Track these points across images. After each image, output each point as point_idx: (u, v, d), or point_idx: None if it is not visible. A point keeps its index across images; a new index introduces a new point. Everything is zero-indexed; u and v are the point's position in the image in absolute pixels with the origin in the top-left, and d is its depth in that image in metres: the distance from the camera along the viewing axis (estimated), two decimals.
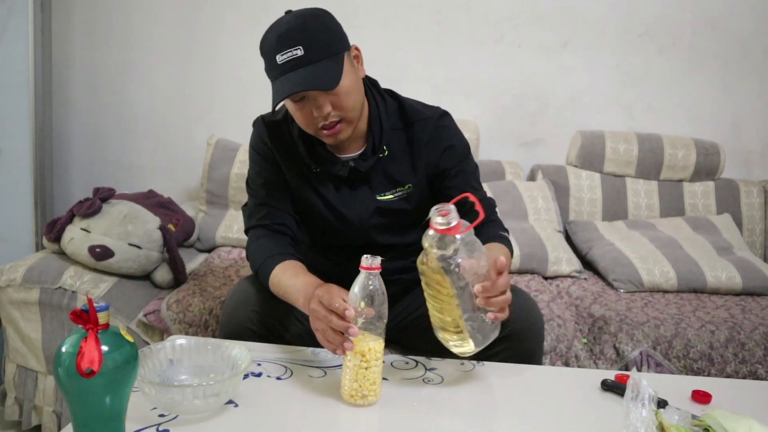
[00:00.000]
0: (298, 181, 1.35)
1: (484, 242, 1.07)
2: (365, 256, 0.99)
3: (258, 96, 2.53)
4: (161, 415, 0.94)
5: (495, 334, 1.06)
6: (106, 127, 2.57)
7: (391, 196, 1.35)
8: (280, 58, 1.15)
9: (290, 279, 1.20)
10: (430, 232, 0.99)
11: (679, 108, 2.57)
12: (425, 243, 1.00)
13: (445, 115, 1.38)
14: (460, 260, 0.97)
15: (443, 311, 1.04)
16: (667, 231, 2.28)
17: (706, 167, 2.46)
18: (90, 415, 0.79)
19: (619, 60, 2.54)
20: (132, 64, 2.52)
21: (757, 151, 2.62)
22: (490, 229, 1.31)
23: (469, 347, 1.04)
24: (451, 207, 0.98)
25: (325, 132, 1.22)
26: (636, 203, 2.44)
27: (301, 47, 1.14)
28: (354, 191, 1.34)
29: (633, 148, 2.44)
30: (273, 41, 1.16)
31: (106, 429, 0.80)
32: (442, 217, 0.97)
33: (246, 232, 1.39)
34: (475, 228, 1.02)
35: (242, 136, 2.45)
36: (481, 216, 1.02)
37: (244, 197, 2.31)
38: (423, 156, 1.34)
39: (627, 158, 2.44)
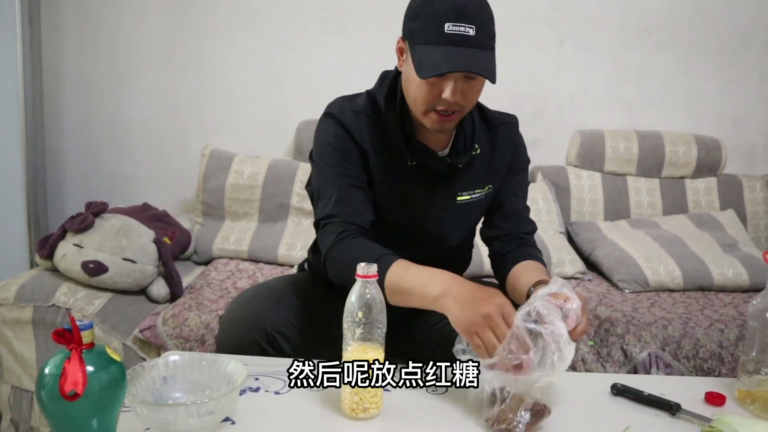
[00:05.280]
0: (384, 173, 1.28)
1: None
2: (360, 264, 0.96)
3: (251, 104, 2.52)
4: None
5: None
6: (99, 141, 2.54)
7: (467, 197, 1.32)
8: (449, 28, 1.10)
9: (417, 271, 1.11)
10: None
11: (679, 103, 2.55)
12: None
13: (517, 121, 1.41)
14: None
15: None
16: (670, 229, 2.25)
17: (708, 163, 2.43)
18: None
19: (618, 57, 2.51)
20: (123, 75, 2.50)
21: (759, 146, 2.60)
22: (527, 249, 1.34)
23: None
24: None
25: (436, 116, 1.18)
26: (638, 202, 2.40)
27: (474, 27, 1.10)
28: (436, 187, 1.30)
29: (633, 146, 2.41)
30: (447, 7, 1.11)
31: None
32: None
33: (321, 222, 1.24)
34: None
35: (236, 145, 2.43)
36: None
37: (241, 208, 2.30)
38: (503, 159, 1.36)
39: (627, 156, 2.41)
